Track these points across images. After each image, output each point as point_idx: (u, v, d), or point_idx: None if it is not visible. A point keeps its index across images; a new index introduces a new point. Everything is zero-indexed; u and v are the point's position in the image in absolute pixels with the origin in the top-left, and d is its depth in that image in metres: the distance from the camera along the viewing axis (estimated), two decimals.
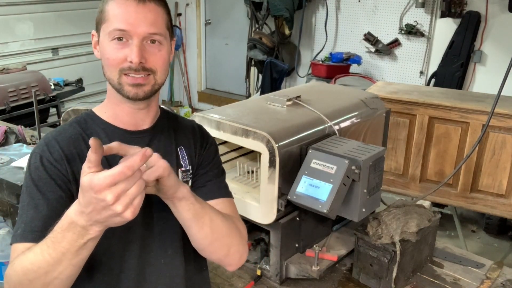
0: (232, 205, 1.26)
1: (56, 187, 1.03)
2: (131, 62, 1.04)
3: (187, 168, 1.21)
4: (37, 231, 0.98)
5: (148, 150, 0.85)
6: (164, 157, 1.07)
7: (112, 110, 1.14)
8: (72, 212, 0.87)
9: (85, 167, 0.84)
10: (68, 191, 1.04)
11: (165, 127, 1.20)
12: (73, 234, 0.87)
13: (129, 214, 0.84)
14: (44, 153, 1.05)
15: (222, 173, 1.28)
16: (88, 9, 5.44)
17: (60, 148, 1.06)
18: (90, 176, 0.82)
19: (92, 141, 0.84)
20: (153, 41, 1.06)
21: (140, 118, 1.15)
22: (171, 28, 1.12)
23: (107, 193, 0.81)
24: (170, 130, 1.21)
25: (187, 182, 1.20)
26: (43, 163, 1.04)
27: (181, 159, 1.20)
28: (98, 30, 1.09)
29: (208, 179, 1.24)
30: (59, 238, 0.89)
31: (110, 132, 1.12)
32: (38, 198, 1.02)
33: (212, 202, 1.18)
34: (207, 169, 1.25)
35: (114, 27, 1.04)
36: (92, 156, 0.84)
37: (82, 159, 0.98)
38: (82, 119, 1.14)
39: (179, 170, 1.19)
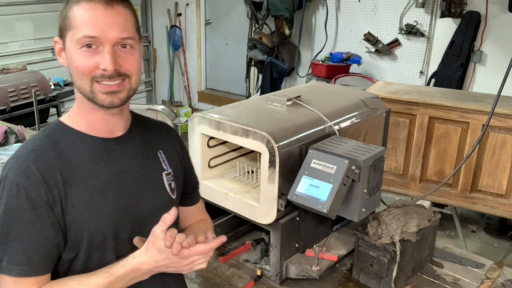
0: (202, 202, 1.39)
1: (38, 217, 0.98)
2: (104, 70, 1.01)
3: (169, 171, 1.20)
4: (22, 265, 0.98)
5: (223, 238, 1.06)
6: (146, 162, 1.16)
7: (84, 119, 1.08)
8: (143, 263, 1.03)
9: (159, 231, 1.00)
10: (50, 219, 1.00)
11: (140, 131, 1.18)
12: (132, 278, 1.04)
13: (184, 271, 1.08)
14: (20, 180, 0.99)
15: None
16: None
17: (38, 172, 0.99)
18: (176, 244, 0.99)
19: (173, 212, 1.01)
20: (124, 46, 1.03)
21: (114, 124, 1.11)
22: (139, 30, 1.09)
23: (186, 261, 1.03)
24: (146, 134, 1.19)
25: (170, 185, 1.20)
26: (21, 192, 0.98)
27: (162, 163, 1.19)
28: (62, 36, 1.04)
29: (194, 185, 1.33)
30: (118, 281, 1.03)
31: (87, 142, 1.08)
32: (18, 230, 0.97)
33: (197, 206, 1.34)
34: (191, 174, 1.32)
35: (83, 34, 0.99)
36: (164, 225, 1.00)
37: (62, 178, 1.01)
38: (52, 132, 1.08)
39: (163, 173, 1.19)
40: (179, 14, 6.52)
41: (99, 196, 1.05)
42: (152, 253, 1.02)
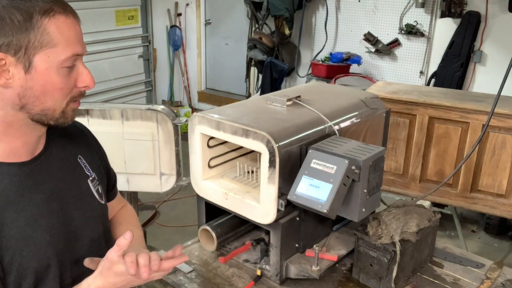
0: (119, 194, 1.36)
1: None
2: (86, 87, 0.96)
3: (93, 176, 1.14)
4: None
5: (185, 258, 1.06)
6: (70, 174, 1.08)
7: (7, 145, 0.95)
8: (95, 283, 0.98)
9: (115, 256, 0.96)
10: None
11: (55, 140, 1.08)
12: None
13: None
14: None
15: None
16: (88, 9, 5.44)
17: None
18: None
19: (128, 236, 0.95)
20: None
21: (36, 144, 1.01)
22: None
23: (146, 276, 0.96)
24: (62, 141, 1.10)
25: (97, 190, 1.14)
26: None
27: (85, 169, 1.12)
28: (21, 53, 0.86)
29: (114, 181, 1.30)
30: None
31: (6, 173, 0.95)
32: None
33: (117, 197, 1.31)
34: (110, 171, 1.27)
35: (73, 53, 0.91)
36: (119, 251, 0.96)
37: None
38: None
39: (88, 180, 1.12)
40: (179, 14, 6.52)
41: (33, 229, 0.97)
42: (108, 277, 0.97)
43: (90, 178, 1.13)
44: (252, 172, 1.73)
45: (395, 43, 4.72)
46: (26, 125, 0.95)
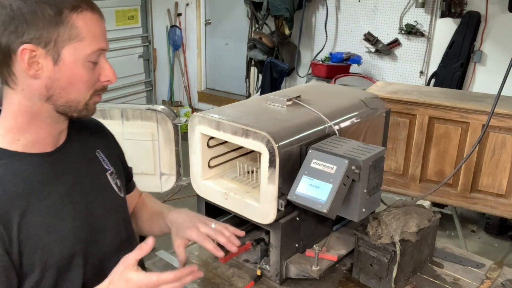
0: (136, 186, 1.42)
1: None
2: (108, 81, 0.99)
3: (111, 169, 1.17)
4: None
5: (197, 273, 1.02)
6: (89, 166, 1.12)
7: (33, 135, 0.99)
8: None
9: (133, 262, 0.95)
10: (3, 263, 0.91)
11: (76, 134, 1.12)
12: None
13: None
14: None
15: None
16: None
17: None
18: (151, 275, 0.95)
19: (151, 242, 0.95)
20: None
21: (62, 135, 1.07)
22: None
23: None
24: (81, 135, 1.14)
25: (116, 183, 1.17)
26: None
27: (103, 163, 1.15)
28: (54, 46, 0.92)
29: (131, 175, 1.35)
30: None
31: (29, 163, 0.98)
32: None
33: (135, 191, 1.37)
34: (127, 165, 1.32)
35: (98, 47, 0.96)
36: (140, 255, 0.95)
37: (11, 210, 0.92)
38: None
39: (107, 174, 1.15)
40: (179, 14, 6.52)
41: (55, 218, 0.99)
42: (118, 284, 0.94)
43: (109, 172, 1.16)
44: (252, 172, 1.73)
45: (395, 43, 4.72)
46: (51, 116, 0.99)
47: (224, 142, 1.69)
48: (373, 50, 4.84)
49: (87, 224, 1.06)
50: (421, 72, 4.67)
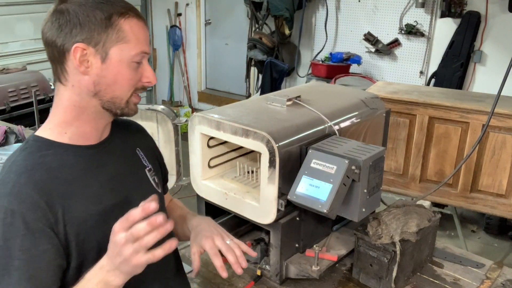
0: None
1: (38, 241, 0.96)
2: (149, 82, 1.09)
3: (150, 167, 1.25)
4: None
5: (152, 204, 0.93)
6: (130, 161, 1.20)
7: (79, 129, 1.08)
8: (103, 260, 0.96)
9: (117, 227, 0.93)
10: (52, 240, 0.98)
11: (118, 132, 1.20)
12: (99, 282, 0.96)
13: (137, 260, 0.91)
14: (14, 206, 0.95)
15: None
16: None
17: (32, 194, 0.97)
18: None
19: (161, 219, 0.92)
20: None
21: (103, 130, 1.14)
22: None
23: (120, 234, 0.92)
24: (123, 133, 1.22)
25: (154, 180, 1.25)
26: (16, 218, 0.95)
27: (142, 160, 1.24)
28: (100, 45, 1.02)
29: (167, 175, 1.40)
30: (86, 283, 0.97)
31: (73, 153, 1.07)
32: (19, 258, 0.94)
33: (167, 195, 1.41)
34: (165, 166, 1.38)
35: (142, 50, 1.05)
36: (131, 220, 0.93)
37: (57, 194, 1.00)
38: (35, 149, 1.05)
39: (146, 170, 1.23)
40: (179, 14, 6.52)
41: (96, 204, 1.06)
42: (108, 250, 0.96)
43: (148, 168, 1.24)
44: (252, 172, 1.73)
45: (395, 43, 4.72)
46: (96, 112, 1.08)
47: (224, 142, 1.69)
48: (373, 50, 4.84)
49: (125, 212, 1.08)
50: (421, 72, 4.67)
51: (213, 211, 1.72)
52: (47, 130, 1.08)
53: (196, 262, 1.23)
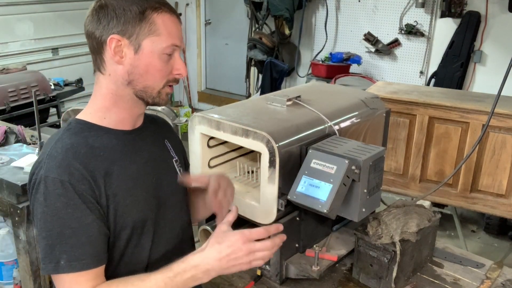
0: None
1: (87, 211, 1.04)
2: (179, 74, 1.15)
3: (176, 158, 1.31)
4: (83, 259, 1.02)
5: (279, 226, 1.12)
6: (160, 150, 1.27)
7: (117, 115, 1.15)
8: (203, 259, 1.05)
9: (225, 226, 1.09)
10: (98, 211, 1.06)
11: (148, 123, 1.27)
12: (192, 277, 1.04)
13: (248, 266, 1.07)
14: (64, 177, 1.02)
15: None
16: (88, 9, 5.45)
17: (80, 168, 1.04)
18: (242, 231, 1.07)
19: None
20: None
21: (138, 118, 1.22)
22: None
23: (244, 245, 1.05)
24: (153, 126, 1.29)
25: (179, 171, 1.30)
26: (68, 189, 1.02)
27: (170, 151, 1.30)
28: (134, 37, 1.08)
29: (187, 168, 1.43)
30: (176, 277, 1.03)
31: (114, 136, 1.15)
32: (71, 226, 1.02)
33: None
34: (188, 162, 1.44)
35: (173, 43, 1.12)
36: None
37: (101, 171, 1.08)
38: (78, 130, 1.12)
39: (173, 160, 1.30)
40: (179, 14, 6.52)
41: (134, 184, 1.13)
42: (213, 246, 1.06)
43: (175, 159, 1.30)
44: (252, 172, 1.73)
45: (395, 43, 4.73)
46: (131, 100, 1.14)
47: (224, 142, 1.69)
48: (373, 50, 4.84)
49: (156, 197, 1.19)
50: (421, 72, 4.68)
51: None
52: (87, 115, 1.15)
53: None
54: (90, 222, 1.04)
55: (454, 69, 4.38)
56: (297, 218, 1.57)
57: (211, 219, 1.73)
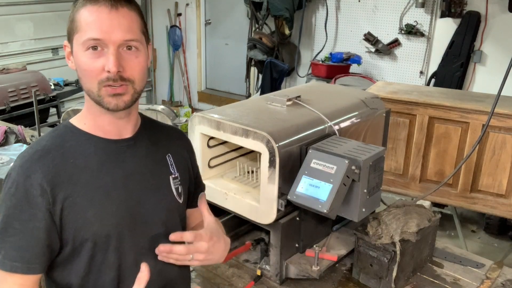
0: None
1: (33, 216, 1.01)
2: (108, 71, 1.02)
3: (176, 175, 1.23)
4: (15, 261, 1.00)
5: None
6: (154, 164, 1.19)
7: (92, 121, 1.11)
8: None
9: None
10: (46, 220, 1.02)
11: (149, 134, 1.20)
12: None
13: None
14: (20, 179, 1.01)
15: None
16: None
17: (39, 172, 1.02)
18: None
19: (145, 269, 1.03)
20: (129, 48, 1.04)
21: (122, 127, 1.13)
22: (146, 32, 1.10)
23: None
24: (155, 137, 1.21)
25: (177, 189, 1.22)
26: (19, 190, 1.01)
27: (170, 167, 1.21)
28: (70, 40, 1.06)
29: (202, 189, 1.34)
30: None
31: (93, 143, 1.10)
32: (15, 227, 1.01)
33: (198, 211, 1.28)
34: (199, 179, 1.34)
35: (88, 37, 1.01)
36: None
37: (65, 178, 1.04)
38: (61, 132, 1.11)
39: (170, 177, 1.21)
40: (179, 14, 6.52)
41: (103, 196, 1.07)
42: None
43: (173, 176, 1.22)
44: (252, 172, 1.73)
45: (395, 43, 4.72)
46: (94, 105, 1.08)
47: (224, 142, 1.69)
48: (373, 50, 4.84)
49: (133, 213, 1.12)
50: (421, 72, 4.67)
51: (213, 211, 1.72)
52: (75, 118, 1.14)
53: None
54: (31, 228, 1.01)
55: (454, 69, 4.38)
56: (297, 218, 1.57)
57: (215, 216, 1.73)
